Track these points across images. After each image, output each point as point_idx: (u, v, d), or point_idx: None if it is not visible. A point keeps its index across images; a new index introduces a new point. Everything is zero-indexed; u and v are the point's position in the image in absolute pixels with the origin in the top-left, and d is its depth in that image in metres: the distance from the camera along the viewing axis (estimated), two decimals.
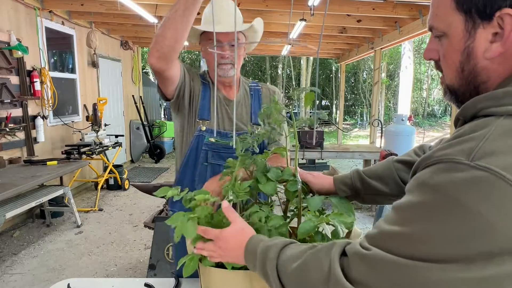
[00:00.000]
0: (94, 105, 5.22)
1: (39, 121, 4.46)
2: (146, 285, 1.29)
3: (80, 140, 5.17)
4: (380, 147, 5.26)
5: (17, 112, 4.17)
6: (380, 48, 6.17)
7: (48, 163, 3.97)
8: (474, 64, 0.61)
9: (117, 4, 4.40)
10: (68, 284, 1.28)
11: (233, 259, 0.81)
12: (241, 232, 0.80)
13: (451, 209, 0.50)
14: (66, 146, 4.85)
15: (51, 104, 4.71)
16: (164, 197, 0.88)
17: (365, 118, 18.88)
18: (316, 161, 6.10)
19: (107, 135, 5.46)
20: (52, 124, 4.93)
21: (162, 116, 13.22)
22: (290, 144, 2.39)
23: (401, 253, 0.53)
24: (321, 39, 0.81)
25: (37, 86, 4.41)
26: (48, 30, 4.85)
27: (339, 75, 9.33)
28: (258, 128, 1.44)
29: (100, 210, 4.83)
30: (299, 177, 0.97)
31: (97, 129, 5.20)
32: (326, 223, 0.86)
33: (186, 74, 1.41)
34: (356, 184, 0.98)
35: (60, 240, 3.87)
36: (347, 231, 0.89)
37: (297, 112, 17.50)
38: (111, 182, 5.75)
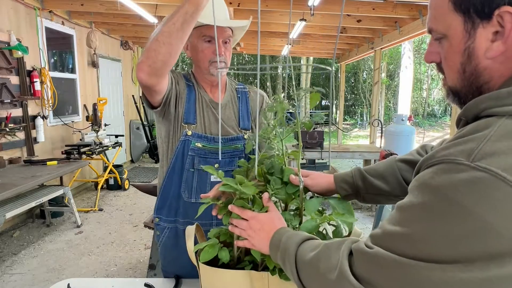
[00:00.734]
0: (94, 105, 5.22)
1: (39, 121, 4.46)
2: (146, 285, 1.29)
3: (80, 140, 5.17)
4: (380, 147, 5.26)
5: (17, 112, 4.17)
6: (380, 48, 6.17)
7: (48, 163, 3.97)
8: (475, 64, 0.60)
9: (117, 4, 4.40)
10: (68, 284, 1.28)
11: (259, 243, 0.83)
12: (273, 221, 0.83)
13: (451, 210, 0.50)
14: (66, 146, 4.86)
15: (51, 104, 4.71)
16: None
17: (365, 118, 18.87)
18: (316, 161, 6.10)
19: (107, 135, 5.46)
20: (52, 124, 4.93)
21: None
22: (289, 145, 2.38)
23: (402, 253, 0.53)
24: (339, 31, 0.81)
25: (37, 86, 4.41)
26: (48, 30, 4.85)
27: (339, 75, 9.32)
28: (247, 132, 1.43)
29: (100, 210, 4.83)
30: (294, 180, 0.96)
31: (97, 129, 5.20)
32: (327, 223, 0.87)
33: (172, 79, 1.32)
34: (357, 183, 0.97)
35: (60, 240, 3.87)
36: (347, 232, 0.89)
37: (298, 112, 17.47)
38: (111, 182, 5.75)
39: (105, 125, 5.57)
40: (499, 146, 0.51)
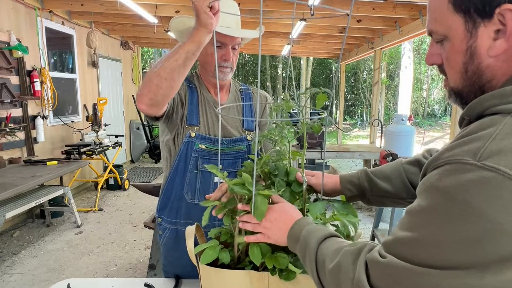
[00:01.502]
0: (94, 105, 5.22)
1: (39, 121, 4.46)
2: (146, 285, 1.29)
3: (80, 140, 5.17)
4: (380, 147, 5.26)
5: (17, 112, 4.17)
6: (380, 48, 6.17)
7: (48, 163, 3.97)
8: (478, 63, 0.60)
9: (117, 4, 4.40)
10: (68, 284, 1.28)
11: (276, 234, 0.81)
12: (289, 211, 0.82)
13: (460, 211, 0.49)
14: (66, 146, 4.86)
15: (51, 104, 4.71)
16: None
17: (365, 118, 18.87)
18: (316, 161, 6.10)
19: (107, 135, 5.46)
20: (52, 124, 4.93)
21: None
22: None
23: (414, 260, 0.52)
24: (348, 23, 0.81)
25: (37, 86, 4.41)
26: (48, 30, 4.85)
27: (339, 75, 9.33)
28: (250, 133, 1.42)
29: (100, 210, 4.83)
30: (300, 179, 0.96)
31: (97, 129, 5.20)
32: (330, 223, 0.87)
33: None
34: (363, 184, 0.97)
35: (60, 240, 3.87)
36: (354, 231, 0.89)
37: (297, 112, 17.47)
38: (111, 182, 5.75)
39: (105, 125, 5.57)
40: (505, 144, 0.50)
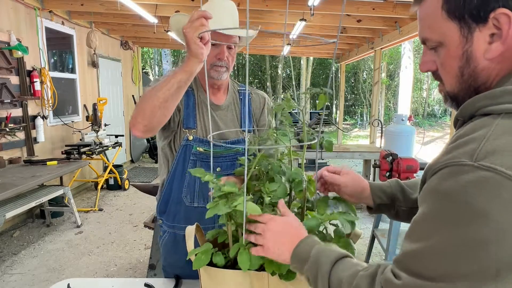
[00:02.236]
0: (94, 105, 5.22)
1: (39, 121, 4.46)
2: (146, 285, 1.29)
3: (80, 140, 5.17)
4: (380, 147, 5.26)
5: (17, 112, 4.17)
6: (380, 48, 6.17)
7: (48, 163, 3.97)
8: (474, 66, 0.61)
9: (117, 4, 4.41)
10: (68, 284, 1.28)
11: (279, 249, 0.76)
12: (295, 226, 0.78)
13: (463, 213, 0.49)
14: (66, 146, 4.86)
15: (51, 104, 4.71)
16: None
17: (365, 118, 18.87)
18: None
19: (107, 135, 5.46)
20: (52, 124, 4.93)
21: None
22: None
23: (426, 273, 0.52)
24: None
25: (37, 86, 4.41)
26: (48, 30, 4.85)
27: (339, 75, 9.34)
28: (248, 135, 1.41)
29: (100, 210, 4.83)
30: (324, 176, 0.95)
31: (97, 129, 5.20)
32: (329, 222, 0.87)
33: None
34: (395, 193, 0.94)
35: (60, 240, 3.87)
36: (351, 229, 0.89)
37: (297, 112, 17.50)
38: (111, 182, 5.76)
39: (105, 125, 5.57)
40: (498, 144, 0.51)
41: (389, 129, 4.82)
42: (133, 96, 8.04)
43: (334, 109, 19.66)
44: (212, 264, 0.87)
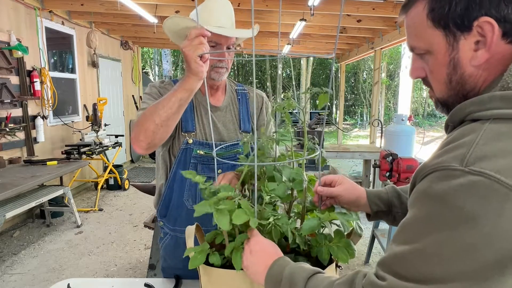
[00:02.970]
0: (94, 105, 5.22)
1: (39, 121, 4.46)
2: (146, 285, 1.29)
3: (80, 140, 5.17)
4: (380, 147, 5.26)
5: (17, 112, 4.17)
6: (380, 48, 6.17)
7: (48, 163, 3.97)
8: (461, 73, 0.62)
9: (117, 4, 4.41)
10: (68, 284, 1.28)
11: (255, 270, 0.77)
12: (271, 248, 0.79)
13: (454, 217, 0.49)
14: (66, 146, 4.86)
15: (51, 104, 4.71)
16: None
17: (365, 118, 18.87)
18: (316, 161, 6.10)
19: (107, 135, 5.46)
20: (52, 124, 4.93)
21: None
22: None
23: (415, 276, 0.52)
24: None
25: (37, 86, 4.42)
26: (48, 30, 4.85)
27: (339, 75, 9.32)
28: (247, 136, 1.41)
29: (100, 210, 4.83)
30: (319, 192, 0.94)
31: (97, 129, 5.20)
32: (330, 222, 0.87)
33: None
34: (392, 199, 0.95)
35: (60, 240, 3.87)
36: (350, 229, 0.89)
37: (297, 112, 17.50)
38: (111, 182, 5.76)
39: (105, 125, 5.57)
40: (488, 149, 0.52)
41: (389, 129, 4.82)
42: (133, 96, 8.04)
43: (334, 109, 19.66)
44: (210, 264, 0.87)
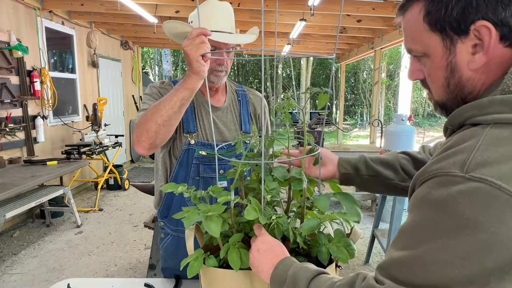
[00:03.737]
0: (94, 105, 5.22)
1: (39, 121, 4.46)
2: (146, 285, 1.29)
3: (80, 140, 5.17)
4: (380, 147, 5.26)
5: (17, 112, 4.17)
6: (380, 48, 6.17)
7: (48, 163, 3.97)
8: (459, 77, 0.62)
9: (117, 4, 4.41)
10: (68, 284, 1.28)
11: (262, 269, 0.77)
12: (277, 247, 0.78)
13: (455, 223, 0.49)
14: (66, 146, 4.86)
15: (51, 104, 4.71)
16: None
17: (365, 118, 18.87)
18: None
19: (107, 135, 5.46)
20: (52, 124, 4.93)
21: None
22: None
23: (414, 281, 0.52)
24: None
25: (37, 86, 4.42)
26: (48, 30, 4.85)
27: (339, 75, 9.33)
28: (240, 135, 1.41)
29: (100, 210, 4.83)
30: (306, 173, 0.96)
31: (97, 129, 5.20)
32: (329, 222, 0.86)
33: None
34: (358, 164, 1.02)
35: (60, 240, 3.87)
36: (350, 229, 0.89)
37: (297, 112, 17.50)
38: (111, 182, 5.76)
39: (105, 125, 5.57)
40: (489, 155, 0.51)
41: (389, 129, 4.82)
42: (133, 96, 8.04)
43: (334, 109, 19.67)
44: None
